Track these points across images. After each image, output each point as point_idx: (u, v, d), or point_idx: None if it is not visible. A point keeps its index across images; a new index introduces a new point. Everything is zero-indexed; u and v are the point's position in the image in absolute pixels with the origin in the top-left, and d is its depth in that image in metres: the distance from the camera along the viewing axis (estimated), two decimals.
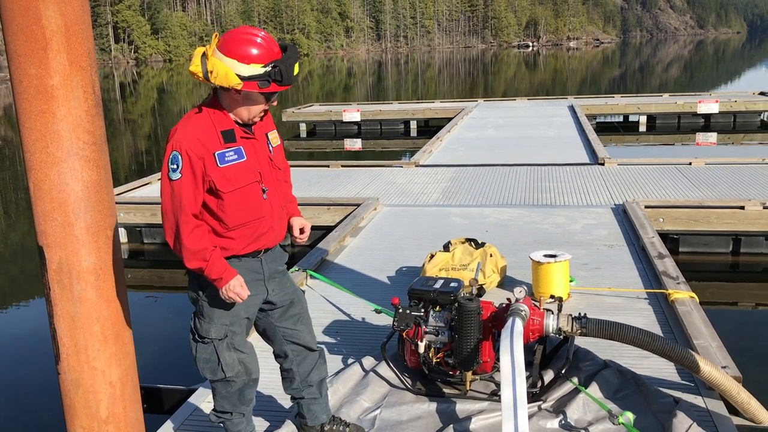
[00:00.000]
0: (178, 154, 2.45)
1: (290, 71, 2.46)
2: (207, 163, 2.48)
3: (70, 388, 2.85)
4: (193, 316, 2.75)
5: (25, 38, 2.52)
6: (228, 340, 2.71)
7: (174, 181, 2.46)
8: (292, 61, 2.47)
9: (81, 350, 2.81)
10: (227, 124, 2.55)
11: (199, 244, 2.50)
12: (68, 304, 2.76)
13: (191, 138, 2.47)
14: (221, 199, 2.52)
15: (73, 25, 2.57)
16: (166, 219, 2.52)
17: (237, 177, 2.54)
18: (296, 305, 2.87)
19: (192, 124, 2.51)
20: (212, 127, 2.51)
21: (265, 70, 2.42)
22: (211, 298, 2.64)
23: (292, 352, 2.89)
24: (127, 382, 3.01)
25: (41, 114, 2.58)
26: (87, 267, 2.75)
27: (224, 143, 2.51)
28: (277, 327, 2.85)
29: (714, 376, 3.16)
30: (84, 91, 2.65)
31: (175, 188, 2.47)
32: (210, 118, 2.53)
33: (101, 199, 2.78)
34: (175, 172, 2.46)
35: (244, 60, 2.40)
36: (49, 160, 2.63)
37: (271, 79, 2.44)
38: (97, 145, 2.74)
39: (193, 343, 2.74)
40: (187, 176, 2.46)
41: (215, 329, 2.68)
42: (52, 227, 2.69)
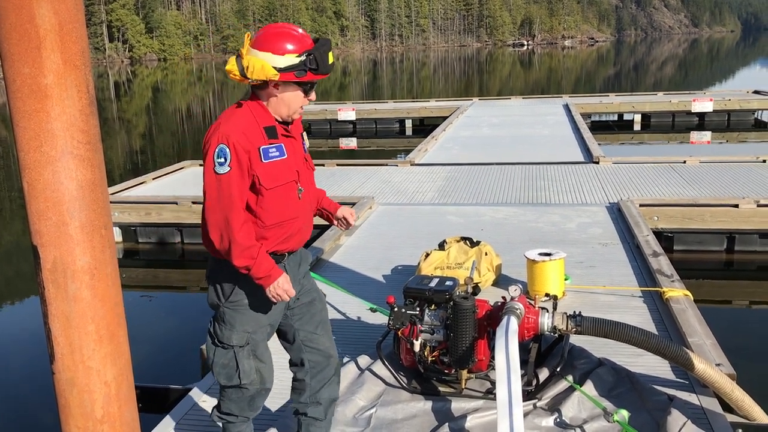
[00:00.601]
0: (226, 146, 2.42)
1: (325, 59, 2.46)
2: (252, 157, 2.45)
3: (65, 388, 2.84)
4: (213, 321, 2.70)
5: (19, 37, 2.51)
6: (249, 347, 2.66)
7: (222, 174, 2.42)
8: (326, 50, 2.47)
9: (76, 350, 2.81)
10: (269, 120, 2.54)
11: (249, 240, 2.46)
12: (63, 303, 2.75)
13: (237, 131, 2.44)
14: (261, 195, 2.50)
15: (66, 24, 2.57)
16: (212, 215, 2.46)
17: (279, 174, 2.52)
18: (317, 304, 2.84)
19: (236, 118, 2.49)
20: (255, 122, 2.50)
21: (300, 59, 2.43)
22: (234, 304, 2.60)
23: (308, 362, 2.82)
24: (122, 382, 3.00)
25: (35, 113, 2.57)
26: (81, 266, 2.74)
27: (268, 139, 2.50)
28: (297, 330, 2.79)
29: (708, 374, 3.17)
30: (78, 90, 2.65)
31: (224, 182, 2.42)
32: (252, 113, 2.52)
33: (96, 199, 2.77)
34: (222, 165, 2.42)
35: (279, 52, 2.42)
36: (43, 159, 2.61)
37: (306, 67, 2.44)
38: (92, 144, 2.73)
39: (212, 347, 2.69)
40: (235, 169, 2.42)
41: (237, 336, 2.63)
42: (46, 226, 2.68)
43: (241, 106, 2.54)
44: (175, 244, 8.10)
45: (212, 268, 2.67)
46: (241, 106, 2.54)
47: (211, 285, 2.66)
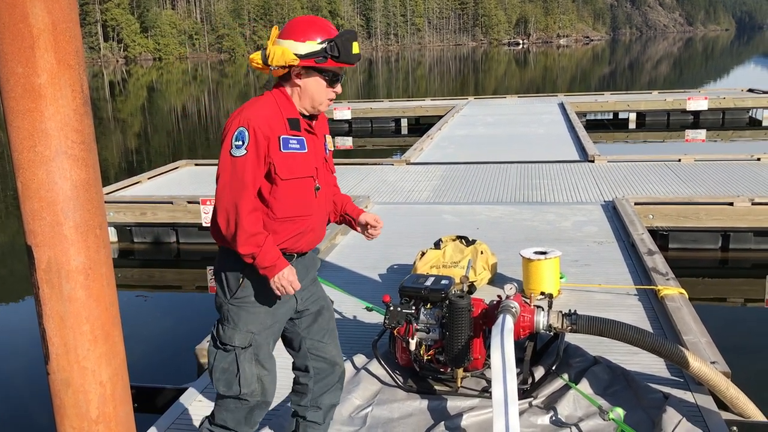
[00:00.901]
0: (245, 130, 2.38)
1: (348, 47, 2.41)
2: (271, 144, 2.41)
3: (60, 388, 2.84)
4: (217, 323, 2.61)
5: (12, 36, 2.50)
6: (252, 350, 2.54)
7: (238, 157, 2.38)
8: (349, 38, 2.42)
9: (70, 350, 2.80)
10: (293, 112, 2.50)
11: (255, 227, 2.40)
12: (57, 303, 2.74)
13: (260, 116, 2.41)
14: (276, 185, 2.45)
15: (60, 23, 2.56)
16: (223, 198, 2.41)
17: (296, 166, 2.47)
18: (325, 313, 2.75)
19: (260, 104, 2.46)
20: (279, 111, 2.46)
21: (321, 46, 2.39)
22: (239, 301, 2.53)
23: (314, 369, 2.75)
24: (118, 382, 2.99)
25: (29, 113, 2.57)
26: (76, 266, 2.74)
27: (290, 130, 2.46)
28: (304, 339, 2.71)
29: (703, 372, 3.18)
30: (72, 90, 2.64)
31: (239, 165, 2.38)
32: (276, 103, 2.48)
33: (90, 198, 2.76)
34: (240, 148, 2.38)
35: (301, 39, 2.40)
36: (37, 159, 2.61)
37: (327, 54, 2.40)
38: (86, 143, 2.72)
39: (213, 349, 2.58)
40: (252, 153, 2.38)
41: (239, 336, 2.53)
42: (40, 226, 2.67)
43: (266, 96, 2.51)
44: (170, 243, 8.09)
45: (219, 261, 2.60)
46: (266, 96, 2.51)
47: (217, 282, 2.59)
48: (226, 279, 2.53)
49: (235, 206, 2.38)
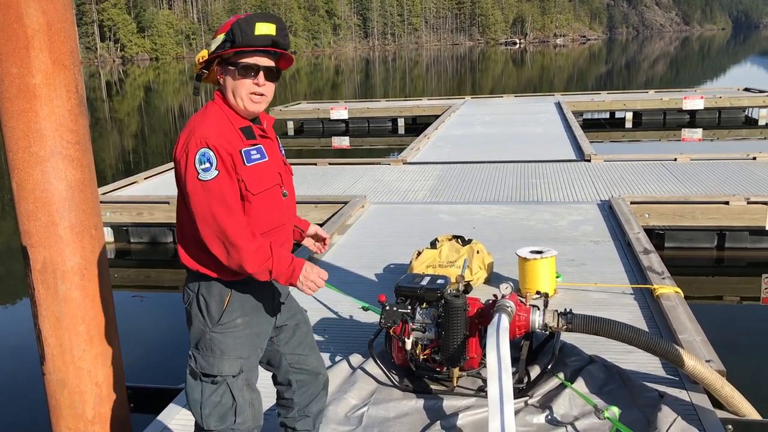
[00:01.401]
0: (208, 150, 2.17)
1: (247, 29, 2.20)
2: (235, 160, 2.22)
3: (56, 389, 2.84)
4: (193, 354, 2.36)
5: (6, 37, 2.50)
6: (244, 376, 2.37)
7: (209, 181, 2.16)
8: (251, 20, 2.22)
9: (66, 350, 2.81)
10: (243, 120, 2.32)
11: (256, 241, 2.21)
12: (53, 304, 2.75)
13: (215, 133, 2.21)
14: (248, 202, 2.26)
15: (55, 24, 2.56)
16: (210, 228, 2.19)
17: (263, 177, 2.30)
18: (302, 327, 2.63)
19: (211, 119, 2.27)
20: (229, 122, 2.29)
21: (226, 36, 2.24)
22: (224, 327, 2.32)
23: (297, 382, 2.64)
24: (114, 382, 3.00)
25: (23, 113, 2.57)
26: (71, 267, 2.74)
27: (246, 140, 2.28)
28: (284, 354, 2.58)
29: (698, 370, 3.19)
30: (67, 90, 2.64)
31: (214, 188, 2.17)
32: (224, 113, 2.31)
33: (85, 199, 2.77)
34: (208, 171, 2.17)
35: (215, 36, 2.28)
36: (32, 159, 2.62)
37: (228, 41, 2.23)
38: (81, 144, 2.73)
39: (196, 384, 2.35)
40: (223, 172, 2.18)
41: (229, 364, 2.33)
42: (35, 227, 2.68)
43: (211, 107, 2.33)
44: (167, 243, 8.08)
45: (194, 289, 2.35)
46: (211, 108, 2.33)
47: (193, 308, 2.35)
48: (206, 307, 2.32)
49: (225, 233, 2.18)
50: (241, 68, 2.26)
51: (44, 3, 2.54)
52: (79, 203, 2.75)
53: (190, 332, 2.37)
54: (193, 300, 2.34)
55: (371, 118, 18.61)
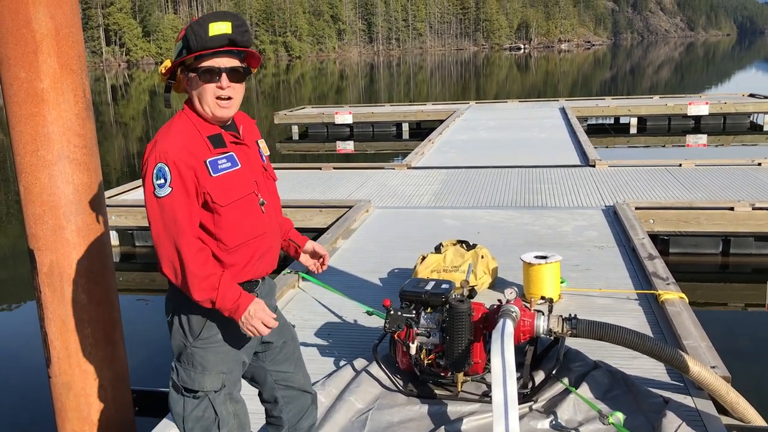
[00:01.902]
0: (165, 165, 2.10)
1: (201, 31, 2.11)
2: (199, 173, 2.14)
3: (62, 392, 2.86)
4: (175, 367, 2.33)
5: (15, 42, 2.52)
6: (226, 390, 2.33)
7: (162, 198, 2.11)
8: (206, 20, 2.13)
9: (72, 353, 2.82)
10: (212, 128, 2.23)
11: (205, 269, 2.12)
12: (59, 307, 2.76)
13: (176, 146, 2.13)
14: (218, 214, 2.19)
15: (63, 29, 2.58)
16: (161, 246, 2.14)
17: (233, 187, 2.21)
18: (290, 344, 2.57)
19: (174, 131, 2.18)
20: (197, 132, 2.20)
21: (182, 42, 2.17)
22: (205, 342, 2.27)
23: (283, 399, 2.57)
24: (119, 385, 3.01)
25: (31, 117, 2.59)
26: (78, 270, 2.75)
27: (214, 149, 2.19)
28: (269, 371, 2.52)
29: (703, 376, 3.18)
30: (74, 94, 2.66)
31: (166, 206, 2.11)
32: (192, 123, 2.22)
33: (92, 202, 2.78)
34: (162, 187, 2.10)
35: (176, 42, 2.21)
36: (39, 163, 2.63)
37: (184, 48, 2.16)
38: (88, 147, 2.74)
39: (179, 398, 2.31)
40: (178, 190, 2.11)
41: (211, 380, 2.28)
42: (42, 230, 2.69)
43: (180, 117, 2.25)
44: None
45: (175, 300, 2.30)
46: (180, 117, 2.25)
47: (174, 322, 2.31)
48: (187, 321, 2.27)
49: (176, 252, 2.12)
50: (201, 73, 2.17)
51: (52, 8, 2.56)
52: (86, 207, 2.77)
53: (172, 344, 2.33)
54: (175, 315, 2.30)
55: (376, 123, 18.62)
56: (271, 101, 36.12)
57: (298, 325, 4.48)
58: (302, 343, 4.16)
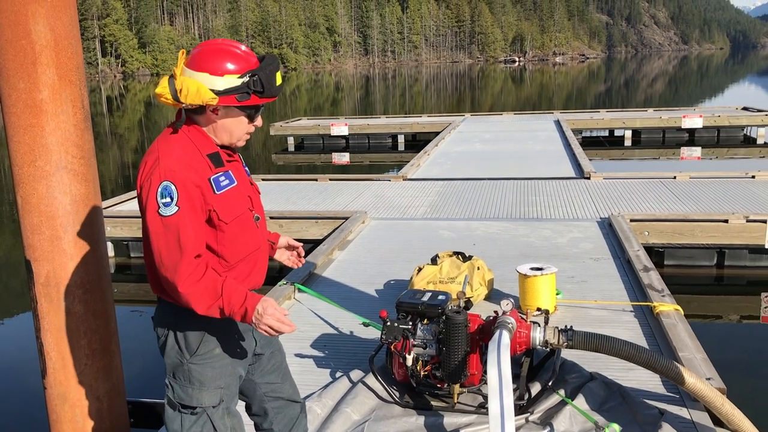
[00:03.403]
0: (171, 184, 2.07)
1: (272, 80, 2.14)
2: (204, 191, 2.13)
3: (57, 403, 2.84)
4: (170, 384, 2.30)
5: (14, 52, 2.53)
6: (224, 405, 2.31)
7: (168, 217, 2.07)
8: (273, 69, 2.15)
9: (68, 364, 2.81)
10: (211, 146, 2.22)
11: (205, 281, 2.09)
12: (55, 317, 2.75)
13: (182, 164, 2.11)
14: (221, 231, 2.19)
15: (62, 40, 2.59)
16: (162, 265, 2.09)
17: (234, 204, 2.22)
18: (277, 355, 2.55)
19: (178, 149, 2.15)
20: (197, 150, 2.18)
21: (242, 81, 2.11)
22: (202, 357, 2.25)
23: (272, 410, 2.56)
24: (115, 397, 3.00)
25: (30, 128, 2.60)
26: (75, 281, 2.75)
27: (214, 167, 2.19)
28: (258, 384, 2.51)
29: (699, 388, 3.19)
30: (73, 105, 2.67)
31: (171, 225, 2.07)
32: (191, 140, 2.19)
33: (89, 213, 2.78)
34: (169, 206, 2.06)
35: (217, 72, 2.09)
36: (37, 173, 2.63)
37: (250, 90, 2.12)
38: (86, 158, 2.75)
39: (175, 415, 2.29)
40: (185, 209, 2.08)
41: (209, 395, 2.27)
42: (40, 241, 2.69)
43: (176, 132, 2.20)
44: None
45: (167, 317, 2.27)
46: (177, 133, 2.20)
47: (168, 339, 2.27)
48: (183, 337, 2.25)
49: (176, 270, 2.08)
50: (251, 113, 2.20)
51: (52, 20, 2.57)
52: (83, 217, 2.77)
53: (165, 361, 2.30)
54: (169, 331, 2.26)
55: (371, 135, 18.67)
56: (267, 112, 36.15)
57: (293, 336, 4.47)
58: (298, 355, 4.16)
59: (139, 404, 4.07)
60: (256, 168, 16.04)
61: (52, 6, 2.55)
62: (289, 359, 2.78)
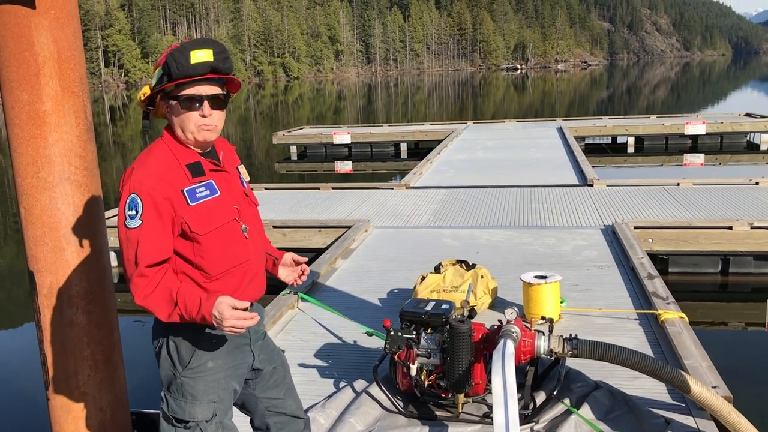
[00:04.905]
0: (137, 197, 2.08)
1: (182, 59, 2.09)
2: (175, 203, 2.12)
3: (60, 414, 2.84)
4: (165, 397, 2.29)
5: (18, 64, 2.54)
6: (217, 419, 2.28)
7: (132, 229, 2.09)
8: (188, 48, 2.11)
9: (71, 375, 2.80)
10: (191, 155, 2.21)
11: (156, 293, 2.10)
12: (59, 329, 2.75)
13: (152, 176, 2.11)
14: (198, 243, 2.17)
15: (65, 51, 2.60)
16: (127, 275, 2.14)
17: (212, 215, 2.19)
18: (279, 370, 2.53)
19: (152, 160, 2.16)
20: (175, 160, 2.17)
21: (162, 70, 2.14)
22: (194, 371, 2.24)
23: (275, 425, 2.54)
24: (118, 408, 2.99)
25: (33, 139, 2.60)
26: (78, 291, 2.75)
27: (192, 177, 2.17)
28: (259, 399, 2.49)
29: (705, 397, 3.17)
30: (76, 117, 2.67)
31: (132, 237, 2.09)
32: (171, 151, 2.19)
33: (92, 224, 2.78)
34: (133, 219, 2.09)
35: (154, 70, 2.17)
36: (40, 185, 2.64)
37: (165, 75, 2.12)
38: (89, 169, 2.75)
39: (169, 428, 2.28)
40: (148, 222, 2.09)
41: (201, 409, 2.25)
42: (43, 252, 2.69)
43: (158, 145, 2.22)
44: None
45: (161, 329, 2.28)
46: (157, 146, 2.21)
47: (162, 351, 2.27)
48: (176, 349, 2.24)
49: (131, 281, 2.13)
50: (183, 101, 2.15)
51: (55, 31, 2.58)
52: (86, 228, 2.77)
53: (160, 374, 2.30)
54: (163, 344, 2.26)
55: (374, 143, 18.68)
56: (269, 121, 36.26)
57: (297, 346, 4.46)
58: (301, 365, 4.15)
59: (142, 415, 4.06)
60: (258, 177, 16.06)
61: (56, 18, 2.56)
62: (293, 369, 2.76)
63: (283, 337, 4.66)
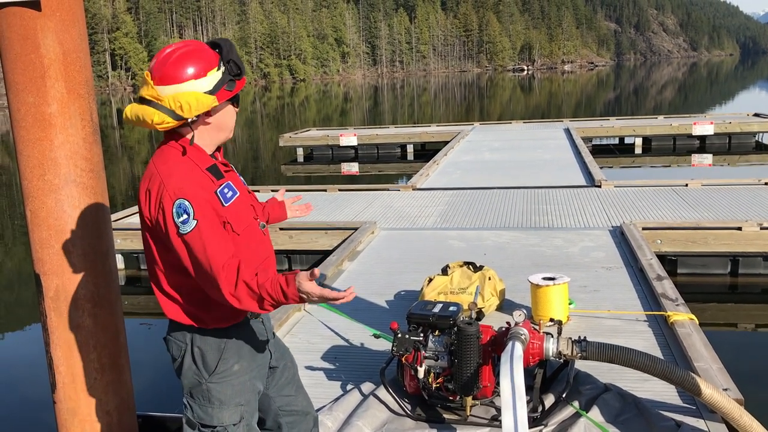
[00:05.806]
0: (183, 200, 2.04)
1: (239, 59, 2.14)
2: (214, 204, 2.11)
3: (67, 418, 2.83)
4: (189, 403, 2.27)
5: (24, 67, 2.53)
6: (245, 422, 2.27)
7: (188, 233, 2.03)
8: (234, 48, 2.16)
9: (78, 378, 2.79)
10: (206, 159, 2.18)
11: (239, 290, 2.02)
12: (65, 332, 2.74)
13: (187, 180, 2.08)
14: (235, 244, 2.15)
15: (71, 53, 2.59)
16: (202, 279, 2.06)
17: (243, 213, 2.20)
18: (290, 367, 2.54)
19: (180, 168, 2.11)
20: (196, 166, 2.14)
21: (222, 71, 2.10)
22: (220, 376, 2.22)
23: (287, 425, 2.53)
24: (124, 411, 2.98)
25: (38, 141, 2.59)
26: (84, 294, 2.74)
27: (216, 180, 2.16)
28: (272, 398, 2.48)
29: (716, 399, 3.13)
30: (82, 119, 2.67)
31: (193, 240, 2.03)
32: (190, 158, 2.15)
33: (98, 226, 2.78)
34: (187, 223, 2.03)
35: (201, 74, 2.06)
36: (46, 187, 2.63)
37: (233, 76, 2.12)
38: (95, 172, 2.74)
39: None
40: (203, 220, 2.04)
41: (229, 413, 2.23)
42: (49, 255, 2.68)
43: (172, 151, 2.16)
44: None
45: (184, 340, 2.23)
46: (171, 151, 2.16)
47: (186, 360, 2.23)
48: (201, 357, 2.21)
49: (214, 287, 2.04)
50: (236, 99, 2.19)
51: (61, 34, 2.57)
52: (93, 231, 2.76)
53: (183, 382, 2.27)
54: (186, 352, 2.22)
55: (380, 145, 18.67)
56: (275, 124, 36.31)
57: (304, 348, 4.45)
58: (309, 367, 4.13)
59: (149, 418, 4.05)
60: (264, 179, 16.08)
61: (62, 20, 2.55)
62: (300, 372, 2.75)
63: (289, 339, 4.64)
